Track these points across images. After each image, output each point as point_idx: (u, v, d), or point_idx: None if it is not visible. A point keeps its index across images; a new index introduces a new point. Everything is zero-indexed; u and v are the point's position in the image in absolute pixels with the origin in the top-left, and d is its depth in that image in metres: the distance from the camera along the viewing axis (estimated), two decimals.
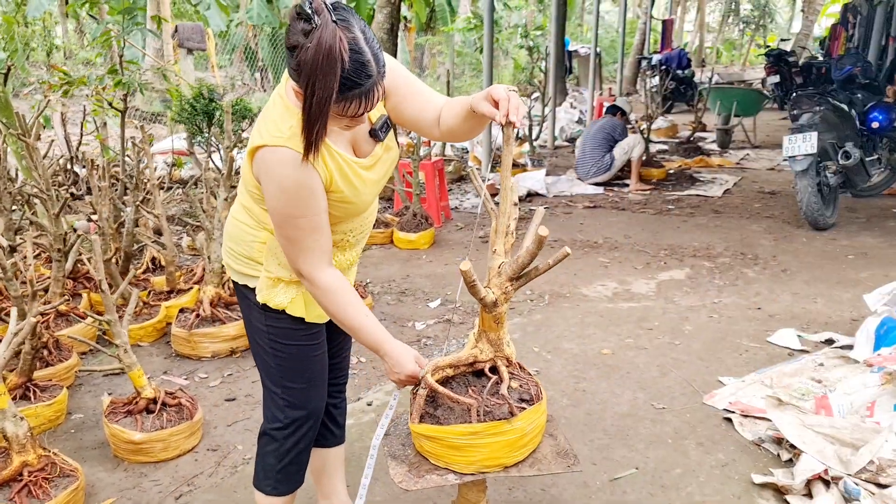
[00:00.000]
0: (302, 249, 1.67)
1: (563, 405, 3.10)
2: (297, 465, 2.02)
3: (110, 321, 2.78)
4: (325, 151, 1.63)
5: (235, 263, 1.90)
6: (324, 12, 1.40)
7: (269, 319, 1.87)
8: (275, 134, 1.57)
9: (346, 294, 1.73)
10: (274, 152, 1.57)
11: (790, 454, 2.64)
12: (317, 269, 1.69)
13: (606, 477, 2.60)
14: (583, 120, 12.64)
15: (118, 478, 2.70)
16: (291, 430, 1.96)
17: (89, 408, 3.23)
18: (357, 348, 3.79)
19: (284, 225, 1.64)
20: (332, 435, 2.20)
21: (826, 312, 4.07)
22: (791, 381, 3.17)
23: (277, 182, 1.58)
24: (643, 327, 3.93)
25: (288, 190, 1.59)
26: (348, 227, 1.84)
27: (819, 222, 5.59)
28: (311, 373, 1.95)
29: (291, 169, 1.57)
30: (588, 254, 5.36)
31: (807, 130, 5.40)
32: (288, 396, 1.93)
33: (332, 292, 1.71)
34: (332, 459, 2.24)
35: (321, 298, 1.72)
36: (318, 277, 1.69)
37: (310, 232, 1.65)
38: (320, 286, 1.70)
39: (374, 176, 1.76)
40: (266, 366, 1.95)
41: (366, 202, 1.78)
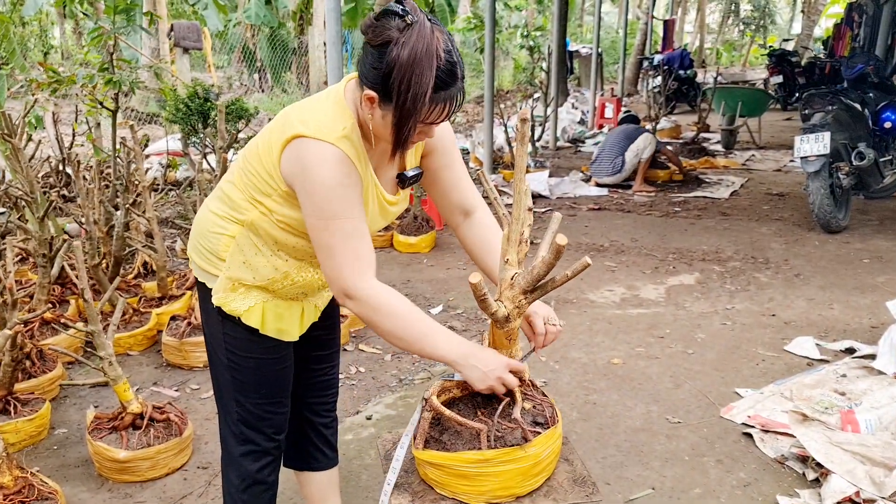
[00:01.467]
0: (345, 259, 1.50)
1: (572, 419, 2.94)
2: (265, 488, 1.85)
3: (94, 332, 2.62)
4: (366, 172, 1.55)
5: (198, 258, 1.74)
6: (418, 11, 1.39)
7: (226, 326, 1.71)
8: (325, 130, 1.46)
9: (401, 305, 1.54)
10: (322, 148, 1.45)
11: (816, 473, 2.48)
12: (360, 280, 1.51)
13: (622, 498, 2.44)
14: (585, 121, 12.50)
15: (102, 499, 2.54)
16: (249, 452, 1.80)
17: (74, 422, 3.07)
18: (356, 357, 3.63)
19: (324, 230, 1.48)
20: (323, 457, 2.04)
21: (844, 319, 3.91)
22: (812, 394, 3.02)
23: (321, 179, 1.45)
24: (654, 335, 3.78)
25: (333, 188, 1.46)
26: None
27: (831, 225, 5.44)
28: (268, 389, 1.77)
29: (338, 169, 1.46)
30: (594, 257, 5.20)
31: (819, 130, 5.24)
32: (243, 414, 1.76)
33: (384, 305, 1.52)
34: (325, 483, 2.07)
35: (372, 317, 1.52)
36: (362, 290, 1.51)
37: (352, 237, 1.49)
38: (367, 300, 1.51)
39: (385, 212, 1.68)
40: (220, 378, 1.78)
41: (371, 231, 1.64)
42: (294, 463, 2.05)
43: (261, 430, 1.79)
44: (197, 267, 1.77)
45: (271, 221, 1.59)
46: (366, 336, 3.90)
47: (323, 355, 1.96)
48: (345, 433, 2.89)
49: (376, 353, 3.70)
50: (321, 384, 1.98)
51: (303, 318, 1.77)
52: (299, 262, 1.67)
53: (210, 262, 1.70)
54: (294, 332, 1.76)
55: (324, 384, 1.98)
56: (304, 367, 1.92)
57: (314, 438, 2.01)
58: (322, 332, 1.90)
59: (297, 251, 1.64)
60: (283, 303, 1.72)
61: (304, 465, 2.04)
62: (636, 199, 7.08)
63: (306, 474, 2.05)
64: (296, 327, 1.76)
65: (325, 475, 2.05)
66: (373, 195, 1.59)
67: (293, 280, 1.68)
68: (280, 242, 1.62)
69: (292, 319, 1.74)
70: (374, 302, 1.51)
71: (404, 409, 3.08)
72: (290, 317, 1.73)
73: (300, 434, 2.00)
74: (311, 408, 1.98)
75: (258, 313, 1.67)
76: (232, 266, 1.65)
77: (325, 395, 2.00)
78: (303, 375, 1.92)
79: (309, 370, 1.94)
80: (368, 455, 2.75)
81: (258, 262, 1.64)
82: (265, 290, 1.67)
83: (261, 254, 1.64)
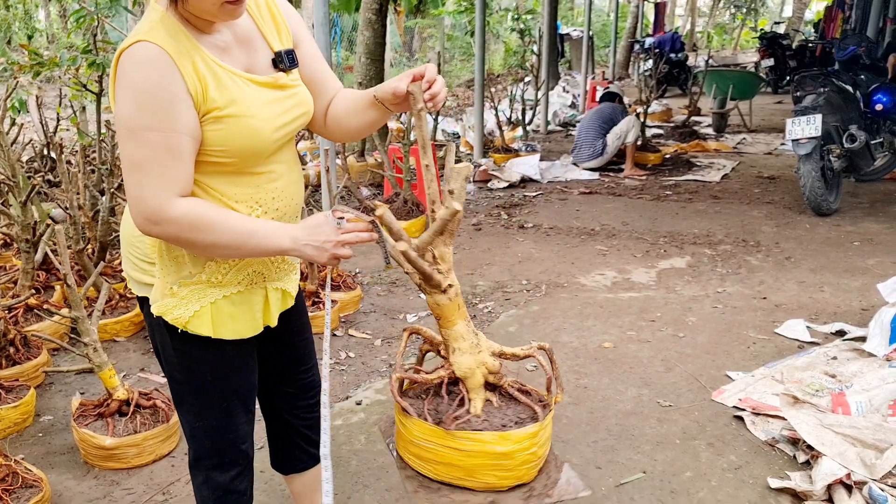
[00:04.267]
0: (147, 177, 1.30)
1: (564, 403, 2.93)
2: (237, 496, 1.74)
3: (77, 318, 2.57)
4: (197, 57, 1.35)
5: (132, 270, 1.66)
6: None
7: (174, 340, 1.52)
8: (134, 33, 1.32)
9: (216, 214, 1.37)
10: (132, 51, 1.29)
11: (807, 456, 2.47)
12: (167, 201, 1.32)
13: (612, 482, 2.43)
14: (576, 104, 12.44)
15: (88, 486, 2.51)
16: (216, 465, 1.67)
17: (59, 409, 3.03)
18: (346, 342, 3.60)
19: (130, 143, 1.30)
20: (308, 457, 1.94)
21: (834, 302, 3.91)
22: (803, 376, 3.01)
23: (130, 85, 1.29)
24: (645, 319, 3.76)
25: (145, 93, 1.28)
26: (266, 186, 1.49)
27: (822, 208, 5.43)
28: (231, 401, 1.63)
29: (151, 69, 1.29)
30: (585, 241, 5.18)
31: (811, 113, 5.22)
32: (207, 430, 1.62)
33: (201, 220, 1.35)
34: (311, 481, 1.99)
35: (190, 236, 1.35)
36: (171, 212, 1.32)
37: (161, 153, 1.30)
38: (181, 220, 1.33)
39: (274, 97, 1.46)
40: (178, 393, 1.62)
41: (270, 128, 1.43)
42: (278, 465, 1.97)
43: (227, 442, 1.66)
44: (133, 281, 1.68)
45: None
46: (356, 321, 3.87)
47: (300, 357, 1.84)
48: (334, 419, 2.86)
49: (366, 338, 3.67)
50: (301, 387, 1.86)
51: (267, 307, 1.61)
52: None
53: (143, 271, 1.62)
54: (257, 324, 1.60)
55: (304, 386, 1.87)
56: (282, 373, 1.82)
57: (297, 441, 1.90)
58: (296, 335, 1.80)
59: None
60: (237, 296, 1.54)
61: (288, 468, 1.96)
62: (627, 182, 7.05)
63: (291, 476, 1.98)
64: (257, 320, 1.60)
65: (309, 473, 1.97)
66: (230, 84, 1.39)
67: (235, 258, 1.51)
68: None
69: (252, 313, 1.58)
70: (190, 220, 1.34)
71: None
72: (248, 311, 1.57)
73: (282, 438, 1.91)
74: (292, 412, 1.87)
75: (206, 318, 1.50)
76: (164, 266, 1.50)
77: (306, 398, 1.88)
78: (281, 381, 1.83)
79: (287, 376, 1.83)
80: (358, 440, 2.73)
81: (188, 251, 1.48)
82: (211, 284, 1.50)
83: None
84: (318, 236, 1.44)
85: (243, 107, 1.39)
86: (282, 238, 1.43)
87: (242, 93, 1.40)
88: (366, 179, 7.11)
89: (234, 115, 1.38)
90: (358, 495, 2.40)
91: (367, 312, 4.00)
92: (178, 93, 1.31)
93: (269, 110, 1.44)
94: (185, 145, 1.34)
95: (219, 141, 1.38)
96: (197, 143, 1.37)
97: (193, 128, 1.35)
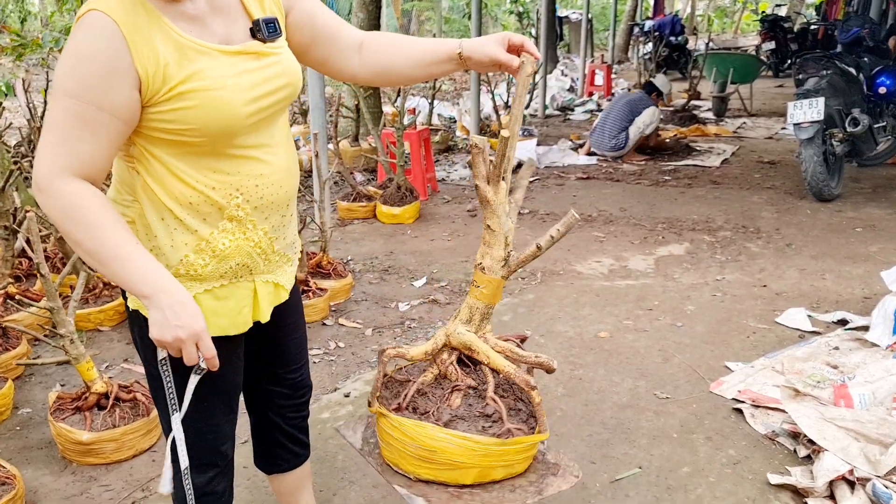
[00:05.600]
0: (50, 141, 1.22)
1: (558, 395, 2.84)
2: (215, 498, 1.63)
3: (53, 308, 2.48)
4: (156, 31, 1.25)
5: None
6: None
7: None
8: (88, 2, 1.25)
9: (97, 214, 1.24)
10: (82, 19, 1.23)
11: (808, 450, 2.39)
12: (56, 173, 1.22)
13: (607, 477, 2.35)
14: (574, 88, 12.30)
15: (64, 482, 2.42)
16: (194, 466, 1.52)
17: (38, 401, 2.94)
18: (335, 332, 3.51)
19: (51, 103, 1.24)
20: (293, 456, 1.85)
21: (836, 290, 3.82)
22: (804, 367, 2.92)
23: (70, 49, 1.22)
24: (642, 307, 3.67)
25: (77, 59, 1.21)
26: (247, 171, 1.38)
27: (824, 193, 5.33)
28: (212, 400, 1.51)
29: (93, 36, 1.21)
30: (582, 228, 5.08)
31: (813, 96, 5.10)
32: (185, 430, 1.46)
33: (75, 210, 1.23)
34: (296, 480, 1.89)
35: (61, 222, 1.24)
36: (55, 186, 1.22)
37: (71, 122, 1.21)
38: (57, 198, 1.22)
39: (248, 66, 1.34)
40: (155, 391, 1.49)
41: (242, 101, 1.31)
42: (262, 465, 1.88)
43: (206, 443, 1.55)
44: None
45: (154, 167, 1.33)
46: (346, 310, 3.78)
47: (290, 357, 1.73)
48: (321, 411, 2.78)
49: (356, 327, 3.58)
50: (290, 387, 1.75)
51: (257, 302, 1.49)
52: (213, 223, 1.38)
53: None
54: (244, 320, 1.48)
55: (293, 386, 1.76)
56: (270, 372, 1.71)
57: (283, 440, 1.80)
58: (288, 333, 1.70)
59: (200, 201, 1.35)
60: (221, 290, 1.42)
61: (272, 468, 1.86)
62: (625, 167, 6.94)
63: (276, 476, 1.88)
64: (244, 316, 1.48)
65: (295, 473, 1.87)
66: (196, 56, 1.28)
67: (216, 250, 1.39)
68: (177, 196, 1.34)
69: (238, 308, 1.46)
70: (66, 205, 1.23)
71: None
72: (234, 306, 1.45)
73: (268, 437, 1.81)
74: (279, 411, 1.77)
75: None
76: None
77: (294, 398, 1.77)
78: (269, 380, 1.73)
79: (275, 375, 1.72)
80: (346, 433, 2.64)
81: (164, 242, 1.37)
82: (189, 277, 1.39)
83: (164, 226, 1.36)
84: (179, 315, 1.26)
85: (210, 79, 1.28)
86: (145, 281, 1.26)
87: (209, 65, 1.29)
88: (359, 164, 6.99)
89: (199, 89, 1.27)
90: (344, 492, 2.32)
91: (359, 301, 3.91)
92: (116, 69, 1.21)
93: (241, 81, 1.32)
94: (103, 124, 1.23)
95: (187, 119, 1.27)
96: (123, 127, 1.27)
97: (123, 110, 1.24)
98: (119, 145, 1.30)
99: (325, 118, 4.65)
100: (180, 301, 1.27)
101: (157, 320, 1.26)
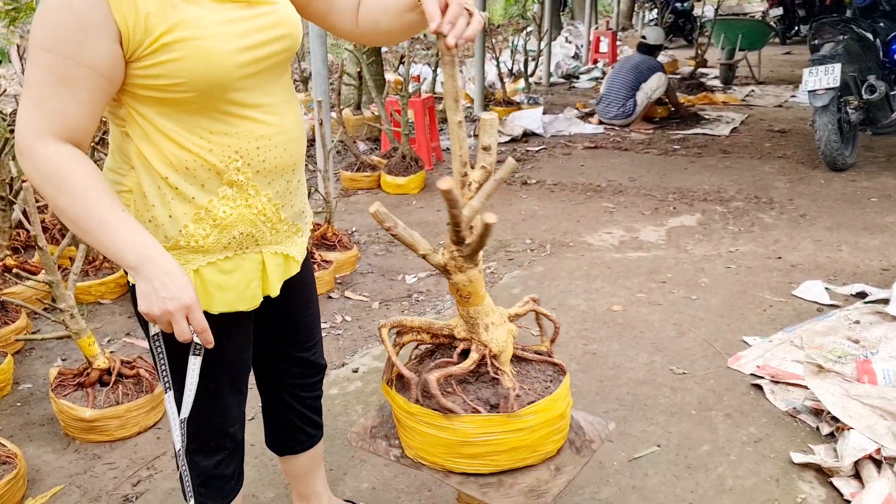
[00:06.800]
0: (34, 104, 1.14)
1: (572, 371, 2.77)
2: (224, 481, 1.58)
3: (52, 282, 2.39)
4: None
5: None
6: None
7: None
8: None
9: (80, 179, 1.16)
10: None
11: (831, 428, 2.32)
12: (37, 136, 1.14)
13: (625, 456, 2.29)
14: (579, 55, 12.08)
15: (68, 460, 2.36)
16: (200, 449, 1.50)
17: (40, 376, 2.88)
18: (342, 305, 3.43)
19: (31, 62, 1.16)
20: (307, 438, 1.78)
21: (853, 262, 3.73)
22: (824, 341, 2.85)
23: (46, 3, 1.14)
24: (655, 280, 3.59)
25: (53, 11, 1.12)
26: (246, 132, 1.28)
27: (838, 162, 5.21)
28: (218, 381, 1.45)
29: None
30: (591, 198, 4.98)
31: (829, 62, 4.96)
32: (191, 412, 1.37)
33: (56, 174, 1.15)
34: (309, 461, 1.83)
35: (42, 186, 1.16)
36: (34, 147, 1.14)
37: (49, 78, 1.13)
38: (37, 161, 1.14)
39: (238, 14, 1.24)
40: (159, 370, 1.39)
41: (231, 49, 1.21)
42: (273, 446, 1.81)
43: (213, 425, 1.49)
44: None
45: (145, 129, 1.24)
46: (352, 282, 3.70)
47: (303, 334, 1.66)
48: (330, 387, 2.71)
49: (363, 300, 3.50)
50: (303, 365, 1.69)
51: (265, 275, 1.40)
52: (211, 189, 1.29)
53: None
54: (253, 295, 1.40)
55: (306, 364, 1.69)
56: (282, 351, 1.65)
57: (295, 420, 1.74)
58: (300, 309, 1.62)
59: (197, 166, 1.26)
60: (225, 262, 1.34)
61: (284, 450, 1.80)
62: (633, 136, 6.82)
63: (287, 458, 1.82)
64: (253, 290, 1.39)
65: (307, 454, 1.81)
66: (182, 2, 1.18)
67: (217, 219, 1.30)
68: (172, 161, 1.25)
69: (246, 282, 1.37)
70: (49, 169, 1.14)
71: None
72: (241, 280, 1.37)
73: (279, 418, 1.75)
74: (291, 391, 1.70)
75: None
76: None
77: (307, 377, 1.71)
78: (280, 359, 1.66)
79: (287, 353, 1.66)
80: (355, 411, 2.58)
81: (162, 212, 1.28)
82: (191, 249, 1.31)
83: (160, 195, 1.27)
84: (168, 286, 1.18)
85: (195, 28, 1.18)
86: (134, 249, 1.17)
87: (195, 13, 1.19)
88: (362, 133, 6.86)
89: (184, 39, 1.17)
90: (355, 471, 2.26)
91: (364, 273, 3.82)
92: (92, 19, 1.12)
93: (230, 30, 1.22)
94: (83, 80, 1.14)
95: (173, 72, 1.18)
96: (106, 84, 1.17)
97: (104, 64, 1.15)
98: (103, 105, 1.21)
99: (327, 85, 4.52)
100: (168, 271, 1.19)
101: (145, 292, 1.19)
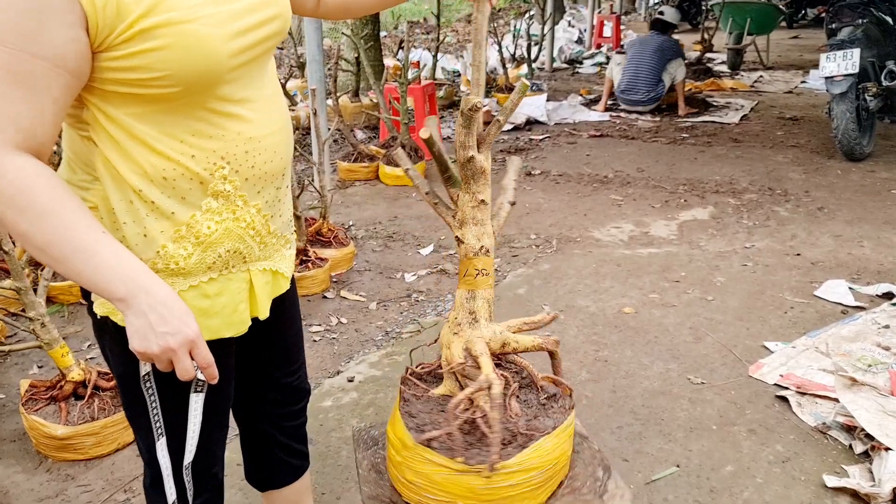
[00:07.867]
0: None
1: (582, 380, 2.59)
2: None
3: (20, 289, 2.20)
4: None
5: None
6: None
7: (126, 344, 1.03)
8: None
9: (46, 198, 0.94)
10: None
11: (865, 446, 2.14)
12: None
13: (642, 478, 2.11)
14: (582, 40, 11.82)
15: (38, 482, 2.18)
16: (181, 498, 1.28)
17: (13, 385, 2.69)
18: (337, 305, 3.24)
19: None
20: (292, 469, 1.60)
21: (876, 259, 3.54)
22: (851, 348, 2.67)
23: None
24: (668, 279, 3.40)
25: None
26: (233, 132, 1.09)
27: (855, 152, 5.00)
28: (204, 420, 1.21)
29: None
30: (598, 190, 4.78)
31: (848, 47, 4.74)
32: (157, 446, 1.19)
33: (17, 189, 0.93)
34: (294, 493, 1.64)
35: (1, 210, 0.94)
36: None
37: (4, 79, 0.91)
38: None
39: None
40: (130, 411, 1.24)
41: (222, 35, 1.02)
42: (255, 482, 1.63)
43: (198, 467, 1.27)
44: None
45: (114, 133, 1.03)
46: (349, 281, 3.51)
47: (287, 356, 1.48)
48: (323, 399, 2.53)
49: (360, 300, 3.31)
50: (286, 392, 1.51)
51: (253, 296, 1.23)
52: (194, 202, 1.10)
53: None
54: (241, 319, 1.22)
55: (290, 391, 1.51)
56: (264, 376, 1.47)
57: (279, 454, 1.56)
58: (285, 329, 1.44)
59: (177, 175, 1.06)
60: (210, 285, 1.15)
61: (266, 484, 1.61)
62: (640, 124, 6.60)
63: (269, 491, 1.63)
64: (241, 314, 1.21)
65: (292, 488, 1.62)
66: None
67: (200, 236, 1.11)
68: (147, 171, 1.05)
69: (233, 306, 1.19)
70: (12, 190, 0.93)
71: (390, 370, 2.70)
72: (228, 303, 1.18)
73: (260, 451, 1.57)
74: (273, 420, 1.52)
75: None
76: None
77: (290, 404, 1.53)
78: (262, 385, 1.48)
79: (270, 378, 1.48)
80: (350, 425, 2.39)
81: (134, 231, 1.08)
82: (171, 273, 1.11)
83: (132, 211, 1.07)
84: (166, 319, 0.99)
85: (180, 9, 0.98)
86: (117, 284, 0.98)
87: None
88: (360, 122, 6.64)
89: (168, 24, 0.96)
90: (349, 495, 2.08)
91: (362, 271, 3.63)
92: (52, 2, 0.91)
93: (219, 11, 1.03)
94: (42, 77, 0.93)
95: (156, 64, 0.97)
96: (70, 80, 0.96)
97: (67, 56, 0.93)
98: (67, 105, 0.99)
99: (323, 72, 4.31)
100: (164, 301, 1.00)
101: (139, 328, 0.99)
